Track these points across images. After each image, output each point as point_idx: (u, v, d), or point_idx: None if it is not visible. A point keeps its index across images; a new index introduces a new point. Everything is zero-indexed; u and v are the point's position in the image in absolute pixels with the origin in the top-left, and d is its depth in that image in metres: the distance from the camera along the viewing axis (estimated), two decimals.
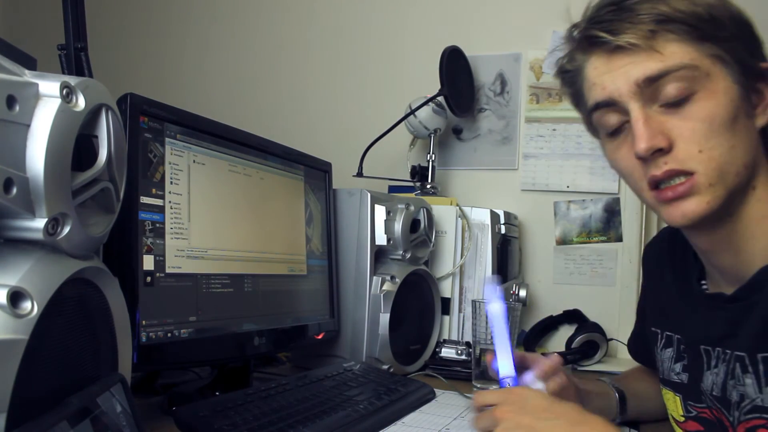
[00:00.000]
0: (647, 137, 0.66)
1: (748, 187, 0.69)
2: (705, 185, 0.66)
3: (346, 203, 1.29)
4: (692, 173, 0.66)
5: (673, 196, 0.67)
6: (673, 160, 0.66)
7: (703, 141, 0.66)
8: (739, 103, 0.67)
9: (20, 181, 0.50)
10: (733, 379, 0.71)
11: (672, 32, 0.66)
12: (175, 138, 0.89)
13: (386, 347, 1.21)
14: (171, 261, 0.86)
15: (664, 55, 0.66)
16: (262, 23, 2.11)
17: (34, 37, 1.60)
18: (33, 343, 0.48)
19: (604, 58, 0.70)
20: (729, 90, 0.67)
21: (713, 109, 0.66)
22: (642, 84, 0.67)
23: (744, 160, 0.67)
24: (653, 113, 0.68)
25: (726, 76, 0.67)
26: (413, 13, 1.92)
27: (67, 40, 0.91)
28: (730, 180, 0.67)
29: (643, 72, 0.67)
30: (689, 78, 0.66)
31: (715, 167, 0.66)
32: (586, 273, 1.71)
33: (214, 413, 0.76)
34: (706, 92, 0.66)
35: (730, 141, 0.66)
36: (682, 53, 0.66)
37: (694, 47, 0.66)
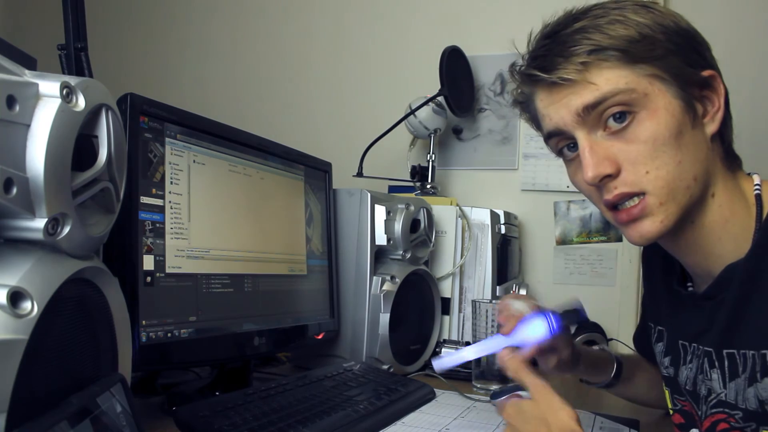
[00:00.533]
0: (593, 165, 0.68)
1: (707, 196, 0.70)
2: (656, 205, 0.68)
3: (346, 203, 1.29)
4: (643, 194, 0.68)
5: (627, 218, 0.69)
6: (623, 184, 0.68)
7: (649, 161, 0.67)
8: (682, 117, 0.68)
9: (20, 181, 0.50)
10: (701, 374, 0.74)
11: (604, 60, 0.67)
12: (175, 138, 0.89)
13: (386, 347, 1.21)
14: (171, 261, 0.86)
15: (599, 85, 0.67)
16: (263, 23, 2.11)
17: (34, 37, 1.60)
18: (33, 343, 0.48)
19: (546, 92, 0.72)
20: (669, 106, 0.67)
21: (655, 128, 0.67)
22: (582, 113, 0.69)
23: (693, 173, 0.68)
24: (599, 140, 0.69)
25: (665, 93, 0.68)
26: (413, 14, 1.92)
27: (67, 40, 0.91)
28: (680, 195, 0.68)
29: (581, 102, 0.68)
30: (627, 102, 0.67)
31: (664, 185, 0.67)
32: (586, 273, 1.71)
33: (214, 413, 0.76)
34: (647, 113, 0.67)
35: (675, 157, 0.67)
36: (616, 79, 0.67)
37: (628, 71, 0.67)
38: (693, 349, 0.76)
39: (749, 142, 0.74)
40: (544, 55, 0.71)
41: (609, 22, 0.68)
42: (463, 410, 0.98)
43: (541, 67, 0.70)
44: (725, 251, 0.70)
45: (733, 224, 0.70)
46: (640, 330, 1.02)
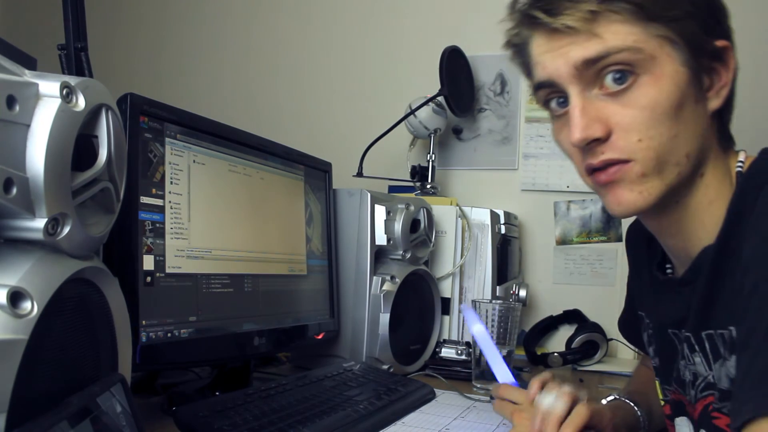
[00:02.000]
0: (582, 127, 0.63)
1: (696, 175, 0.66)
2: (638, 174, 0.63)
3: (346, 203, 1.29)
4: (630, 161, 0.63)
5: (606, 179, 0.64)
6: (611, 150, 0.63)
7: (643, 130, 0.62)
8: (686, 88, 0.63)
9: (20, 181, 0.50)
10: (683, 360, 0.72)
11: (616, 12, 0.61)
12: (175, 138, 0.89)
13: (386, 347, 1.21)
14: (171, 261, 0.86)
15: (605, 38, 0.62)
16: (263, 23, 2.11)
17: (34, 37, 1.60)
18: (33, 343, 0.48)
19: (545, 37, 0.66)
20: (675, 74, 0.62)
21: (656, 96, 0.62)
22: (581, 67, 0.63)
23: (687, 150, 0.64)
24: (593, 99, 0.64)
25: (674, 59, 0.62)
26: (413, 13, 1.92)
27: (67, 40, 0.91)
28: (667, 171, 0.63)
29: (582, 54, 0.63)
30: (631, 61, 0.62)
31: (654, 157, 0.63)
32: (586, 273, 1.71)
33: (214, 413, 0.76)
34: (650, 77, 0.62)
35: (672, 130, 0.62)
36: (624, 35, 0.61)
37: (639, 28, 0.62)
38: (676, 335, 0.73)
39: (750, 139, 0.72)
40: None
41: None
42: (463, 410, 0.98)
43: (545, 9, 0.64)
44: (705, 234, 0.66)
45: (717, 206, 0.66)
46: (626, 316, 0.98)
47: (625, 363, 1.56)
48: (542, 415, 0.71)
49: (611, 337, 1.55)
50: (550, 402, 0.71)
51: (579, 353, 1.47)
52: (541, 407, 0.72)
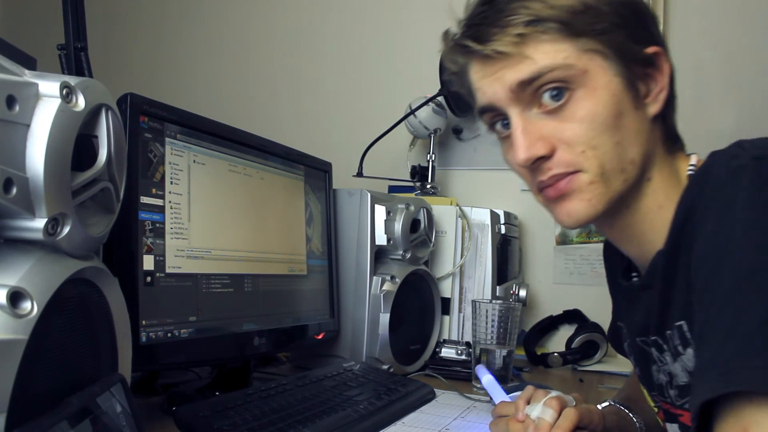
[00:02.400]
0: (525, 147, 0.64)
1: (643, 180, 0.67)
2: (586, 182, 0.64)
3: (346, 203, 1.29)
4: (578, 172, 0.64)
5: (555, 194, 0.66)
6: (557, 165, 0.65)
7: (586, 141, 0.64)
8: (622, 96, 0.64)
9: (20, 181, 0.50)
10: (655, 364, 0.72)
11: (543, 33, 0.63)
12: (175, 138, 0.89)
13: (386, 347, 1.21)
14: (171, 261, 0.86)
15: (536, 59, 0.63)
16: (263, 23, 2.11)
17: (34, 37, 1.60)
18: (33, 343, 0.48)
19: (480, 64, 0.67)
20: (610, 84, 0.64)
21: (593, 107, 0.63)
22: (516, 89, 0.65)
23: (631, 156, 0.65)
24: (533, 118, 0.65)
25: (606, 71, 0.64)
26: (413, 13, 1.92)
27: (67, 40, 0.91)
28: (614, 178, 0.64)
29: (516, 77, 0.64)
30: (565, 78, 0.63)
31: (599, 165, 0.64)
32: (586, 273, 1.71)
33: (214, 413, 0.76)
34: (585, 90, 0.63)
35: (614, 138, 0.64)
36: (554, 53, 0.63)
37: (568, 44, 0.63)
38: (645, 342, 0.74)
39: None
40: (478, 24, 0.66)
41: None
42: (463, 410, 0.98)
43: (475, 37, 0.66)
44: (658, 237, 0.66)
45: (667, 209, 0.66)
46: (611, 326, 0.99)
47: (625, 363, 1.55)
48: (533, 425, 0.71)
49: None
50: (539, 411, 0.71)
51: (579, 353, 1.47)
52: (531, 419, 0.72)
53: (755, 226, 0.51)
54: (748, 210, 0.52)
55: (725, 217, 0.54)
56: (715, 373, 0.48)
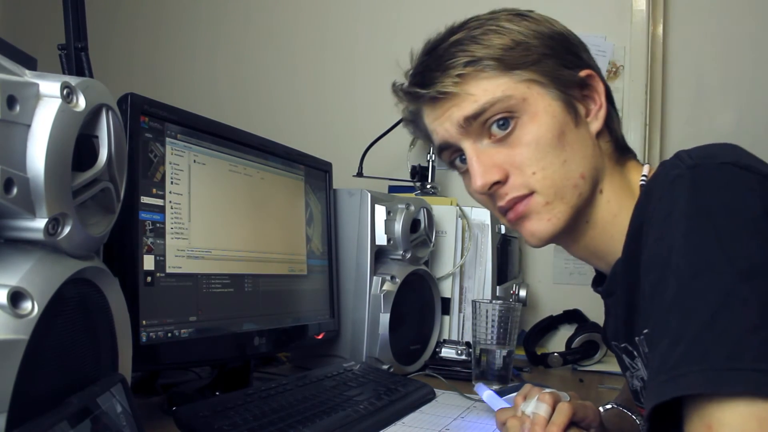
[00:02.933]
0: (481, 173, 0.69)
1: (596, 192, 0.71)
2: (542, 204, 0.69)
3: (346, 203, 1.29)
4: (532, 193, 0.69)
5: (515, 217, 0.71)
6: (512, 189, 0.70)
7: (535, 163, 0.68)
8: (563, 118, 0.69)
9: (20, 181, 0.50)
10: (628, 370, 0.75)
11: (481, 70, 0.69)
12: (175, 138, 0.89)
13: (386, 347, 1.22)
14: (171, 261, 0.86)
15: (477, 95, 0.69)
16: (263, 23, 2.11)
17: (34, 37, 1.60)
18: (33, 343, 0.48)
19: (430, 107, 0.73)
20: (549, 108, 0.69)
21: (536, 131, 0.68)
22: (464, 124, 0.70)
23: (580, 171, 0.69)
24: (485, 148, 0.70)
25: (544, 96, 0.69)
26: (413, 13, 1.92)
27: (67, 40, 0.91)
28: (569, 194, 0.69)
29: (462, 113, 0.70)
30: (507, 109, 0.68)
31: (551, 185, 0.68)
32: (586, 273, 1.71)
33: (214, 413, 0.76)
34: (528, 116, 0.69)
35: (560, 157, 0.68)
36: (494, 88, 0.69)
37: (505, 78, 0.69)
38: (617, 347, 0.76)
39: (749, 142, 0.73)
40: (422, 72, 0.73)
41: (484, 33, 0.70)
42: (463, 410, 0.98)
43: (420, 83, 0.72)
44: (616, 247, 0.69)
45: (622, 218, 0.69)
46: None
47: None
48: (529, 421, 0.72)
49: None
50: (533, 407, 0.72)
51: (579, 353, 1.47)
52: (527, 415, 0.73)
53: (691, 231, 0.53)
54: (685, 217, 0.54)
55: (665, 225, 0.56)
56: (664, 377, 0.49)
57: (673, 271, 0.53)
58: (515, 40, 0.69)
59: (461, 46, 0.70)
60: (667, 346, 0.50)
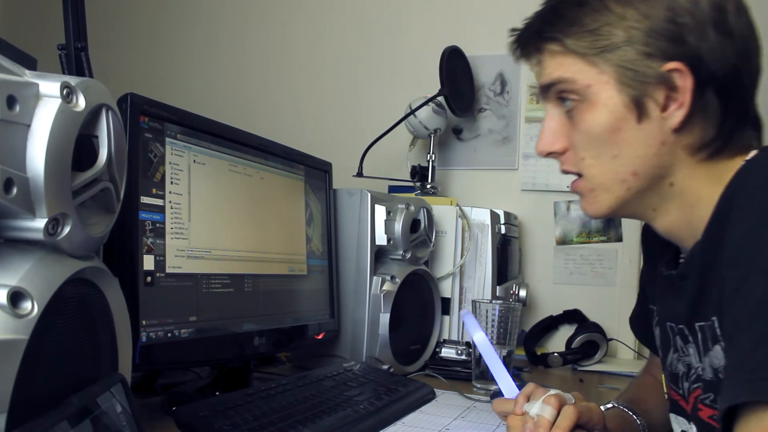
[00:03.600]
0: (542, 140, 0.72)
1: (663, 186, 0.69)
2: (587, 189, 0.71)
3: (346, 203, 1.29)
4: (580, 176, 0.71)
5: (573, 188, 0.74)
6: (566, 164, 0.72)
7: (585, 150, 0.70)
8: (623, 114, 0.67)
9: (20, 181, 0.50)
10: (676, 353, 0.74)
11: (555, 47, 0.69)
12: (175, 138, 0.89)
13: (386, 347, 1.22)
14: (171, 261, 0.86)
15: (549, 70, 0.71)
16: (263, 23, 2.11)
17: (34, 37, 1.60)
18: (33, 343, 0.48)
19: None
20: (609, 101, 0.67)
21: (590, 121, 0.68)
22: (542, 91, 0.72)
23: (632, 169, 0.68)
24: (561, 116, 0.72)
25: (609, 87, 0.67)
26: (413, 13, 1.92)
27: (67, 40, 0.90)
28: (615, 187, 0.69)
29: (539, 82, 0.73)
30: (571, 90, 0.69)
31: (596, 175, 0.69)
32: (586, 273, 1.71)
33: (214, 413, 0.76)
34: (586, 104, 0.68)
35: (611, 152, 0.68)
36: (564, 67, 0.69)
37: (579, 60, 0.68)
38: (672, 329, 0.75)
39: None
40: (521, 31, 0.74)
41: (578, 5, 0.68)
42: (463, 410, 0.98)
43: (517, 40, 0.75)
44: (696, 233, 0.68)
45: (703, 207, 0.66)
46: (638, 311, 0.98)
47: (625, 363, 1.56)
48: (532, 423, 0.71)
49: (611, 337, 1.55)
50: (538, 409, 0.72)
51: (579, 353, 1.47)
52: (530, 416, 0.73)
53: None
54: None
55: (761, 222, 0.55)
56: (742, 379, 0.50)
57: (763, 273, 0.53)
58: (601, 21, 0.66)
59: (549, 16, 0.71)
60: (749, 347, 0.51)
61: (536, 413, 0.71)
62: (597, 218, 0.77)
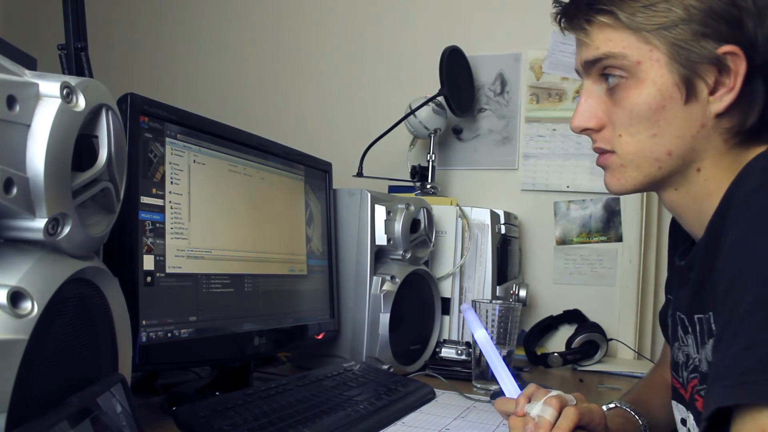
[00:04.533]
0: (578, 116, 0.73)
1: (691, 169, 0.70)
2: (617, 164, 0.72)
3: (346, 203, 1.29)
4: (612, 152, 0.72)
5: (599, 163, 0.75)
6: (600, 140, 0.73)
7: (625, 127, 0.70)
8: (670, 93, 0.67)
9: (20, 181, 0.50)
10: (677, 341, 0.75)
11: (606, 22, 0.68)
12: (175, 138, 0.89)
13: (386, 347, 1.21)
14: (171, 261, 0.86)
15: (597, 45, 0.69)
16: (262, 23, 2.11)
17: (34, 37, 1.60)
18: (33, 343, 0.48)
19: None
20: (659, 79, 0.67)
21: (635, 98, 0.68)
22: (585, 66, 0.72)
23: (668, 149, 0.68)
24: (598, 92, 0.72)
25: (661, 65, 0.66)
26: (413, 13, 1.92)
27: (67, 40, 0.91)
28: (647, 165, 0.70)
29: (584, 57, 0.72)
30: (619, 65, 0.68)
31: (631, 152, 0.70)
32: (586, 273, 1.71)
33: (214, 413, 0.76)
34: (634, 80, 0.68)
35: (651, 130, 0.68)
36: (614, 42, 0.68)
37: (630, 35, 0.67)
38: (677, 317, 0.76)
39: None
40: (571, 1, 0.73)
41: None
42: (463, 410, 0.98)
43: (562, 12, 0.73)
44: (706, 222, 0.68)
45: (715, 198, 0.67)
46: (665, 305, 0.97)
47: (625, 363, 1.56)
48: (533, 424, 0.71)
49: (611, 337, 1.55)
50: (539, 410, 0.71)
51: (579, 353, 1.47)
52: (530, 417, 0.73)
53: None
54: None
55: (756, 224, 0.55)
56: (731, 381, 0.50)
57: (755, 275, 0.53)
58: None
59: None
60: (739, 350, 0.51)
61: (537, 414, 0.71)
62: (619, 194, 0.75)
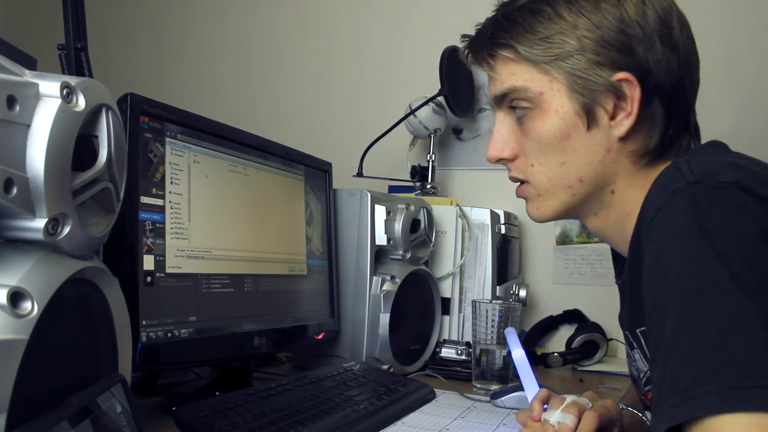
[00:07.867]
0: (492, 147, 0.75)
1: (604, 192, 0.72)
2: (533, 194, 0.74)
3: (346, 203, 1.29)
4: (527, 182, 0.74)
5: (518, 194, 0.76)
6: (514, 170, 0.75)
7: (535, 157, 0.72)
8: (573, 121, 0.69)
9: (20, 181, 0.50)
10: (628, 358, 0.77)
11: (508, 54, 0.70)
12: (175, 138, 0.89)
13: (386, 347, 1.21)
14: (171, 261, 0.86)
15: (502, 79, 0.72)
16: (262, 23, 2.11)
17: (34, 37, 1.60)
18: (33, 343, 0.48)
19: None
20: (561, 109, 0.69)
21: (541, 128, 0.70)
22: (495, 100, 0.74)
23: (579, 175, 0.70)
24: (512, 124, 0.74)
25: (561, 95, 0.69)
26: (413, 13, 1.92)
27: (67, 40, 0.91)
28: (561, 193, 0.72)
29: (492, 92, 0.74)
30: (524, 98, 0.70)
31: (543, 181, 0.72)
32: (586, 273, 1.71)
33: (214, 413, 0.76)
34: (539, 111, 0.70)
35: (559, 159, 0.70)
36: (516, 75, 0.70)
37: (531, 67, 0.69)
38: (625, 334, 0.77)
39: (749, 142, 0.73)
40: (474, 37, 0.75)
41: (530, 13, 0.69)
42: (463, 410, 0.98)
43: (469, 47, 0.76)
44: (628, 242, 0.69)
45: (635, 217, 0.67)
46: None
47: (625, 363, 1.56)
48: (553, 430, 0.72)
49: (611, 337, 1.55)
50: (559, 417, 0.72)
51: (579, 353, 1.47)
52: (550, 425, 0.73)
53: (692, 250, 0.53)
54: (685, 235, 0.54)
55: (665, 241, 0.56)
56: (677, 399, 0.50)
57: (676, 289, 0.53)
58: (553, 29, 0.68)
59: (502, 24, 0.71)
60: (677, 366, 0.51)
61: (557, 421, 0.71)
62: (541, 222, 0.76)
